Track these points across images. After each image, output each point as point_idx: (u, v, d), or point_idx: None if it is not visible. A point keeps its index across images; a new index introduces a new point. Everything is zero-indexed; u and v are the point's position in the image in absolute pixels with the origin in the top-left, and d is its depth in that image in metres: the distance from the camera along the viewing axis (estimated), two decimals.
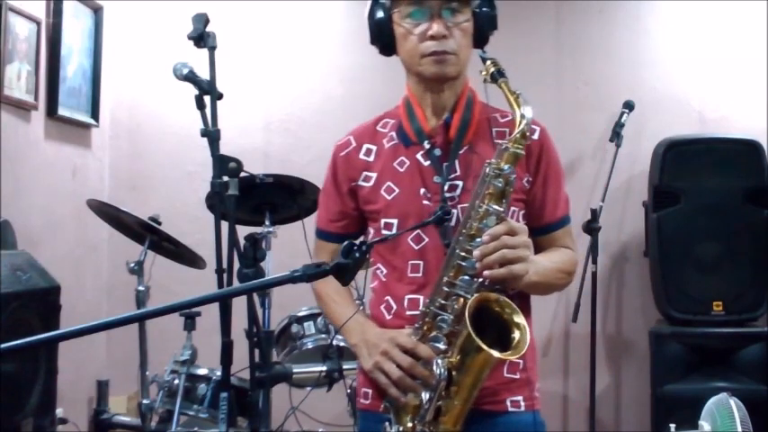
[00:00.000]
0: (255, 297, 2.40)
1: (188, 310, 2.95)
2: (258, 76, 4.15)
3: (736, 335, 3.58)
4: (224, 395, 2.34)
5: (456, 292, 1.66)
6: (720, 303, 3.59)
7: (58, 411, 3.06)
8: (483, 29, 1.82)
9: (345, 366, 2.88)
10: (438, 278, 1.70)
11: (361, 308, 1.95)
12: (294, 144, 4.11)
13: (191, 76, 2.29)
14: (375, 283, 1.90)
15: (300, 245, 2.01)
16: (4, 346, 1.22)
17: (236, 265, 2.23)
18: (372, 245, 1.68)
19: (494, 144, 1.80)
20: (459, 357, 1.63)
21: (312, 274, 1.43)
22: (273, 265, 2.88)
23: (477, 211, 1.66)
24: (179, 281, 3.42)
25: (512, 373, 1.79)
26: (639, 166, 3.95)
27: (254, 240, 2.25)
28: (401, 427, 1.71)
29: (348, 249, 1.46)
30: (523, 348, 1.60)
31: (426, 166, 1.82)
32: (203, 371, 2.93)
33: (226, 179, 2.25)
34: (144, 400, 2.99)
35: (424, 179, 1.81)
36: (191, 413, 2.91)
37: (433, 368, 1.65)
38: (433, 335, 1.68)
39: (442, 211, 1.72)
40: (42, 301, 2.86)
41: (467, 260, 1.65)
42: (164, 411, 2.94)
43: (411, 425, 1.69)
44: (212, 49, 2.29)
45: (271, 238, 2.98)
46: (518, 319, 1.63)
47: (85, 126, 3.95)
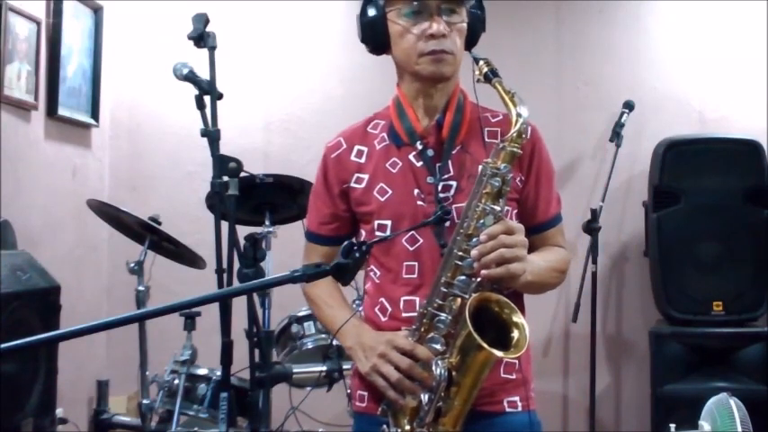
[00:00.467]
0: (255, 297, 2.40)
1: (188, 310, 2.95)
2: (258, 76, 4.15)
3: (736, 335, 3.58)
4: (224, 395, 2.34)
5: (454, 292, 1.66)
6: (720, 303, 3.59)
7: (58, 411, 3.06)
8: (475, 30, 1.83)
9: (345, 366, 2.88)
10: (435, 279, 1.69)
11: (360, 309, 1.95)
12: (294, 144, 4.11)
13: (191, 76, 2.30)
14: (368, 285, 1.89)
15: (300, 245, 2.00)
16: (4, 346, 1.22)
17: (236, 265, 2.24)
18: (372, 245, 1.67)
19: (485, 144, 1.80)
20: (459, 357, 1.63)
21: (312, 274, 1.43)
22: (273, 265, 2.88)
23: (475, 210, 1.66)
24: (179, 281, 3.42)
25: (508, 373, 1.79)
26: (639, 166, 3.95)
27: (254, 240, 2.25)
28: (399, 430, 1.70)
29: (348, 249, 1.46)
30: (523, 347, 1.60)
31: (419, 167, 1.81)
32: (203, 371, 2.93)
33: (226, 179, 2.25)
34: (144, 400, 2.99)
35: (418, 180, 1.80)
36: (191, 413, 2.91)
37: (431, 369, 1.64)
38: (430, 336, 1.68)
39: (441, 211, 1.72)
40: (42, 301, 2.86)
41: (464, 260, 1.65)
42: (164, 411, 2.94)
43: (409, 427, 1.69)
44: (212, 49, 2.30)
45: (271, 238, 2.98)
46: (517, 319, 1.63)
47: (85, 126, 3.95)
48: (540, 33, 4.11)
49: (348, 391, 2.91)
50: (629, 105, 3.83)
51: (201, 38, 2.29)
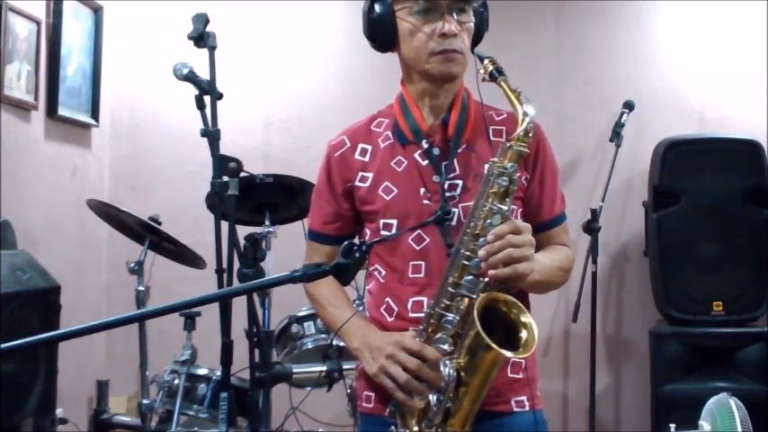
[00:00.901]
0: (255, 297, 2.40)
1: (188, 310, 2.95)
2: (258, 77, 4.15)
3: (736, 335, 3.58)
4: (224, 395, 2.34)
5: (461, 292, 1.65)
6: (720, 303, 3.59)
7: (58, 411, 3.06)
8: (480, 29, 1.83)
9: (345, 366, 2.88)
10: (442, 279, 1.68)
11: (360, 309, 1.94)
12: (294, 144, 4.11)
13: (191, 76, 2.30)
14: (372, 285, 1.88)
15: (300, 245, 2.00)
16: (4, 346, 1.22)
17: (236, 265, 2.23)
18: (372, 245, 1.67)
19: (490, 142, 1.80)
20: (468, 358, 1.61)
21: (312, 274, 1.43)
22: (273, 265, 2.88)
23: (482, 210, 1.65)
24: (179, 281, 3.41)
25: (515, 373, 1.79)
26: (639, 166, 3.95)
27: (254, 240, 2.24)
28: (407, 431, 1.69)
29: (348, 249, 1.46)
30: (532, 348, 1.59)
31: (425, 166, 1.80)
32: (203, 371, 2.93)
33: (226, 179, 2.25)
34: (144, 400, 2.99)
35: (424, 179, 1.79)
36: (191, 413, 2.91)
37: (439, 370, 1.63)
38: (438, 336, 1.67)
39: (442, 210, 1.71)
40: (42, 301, 2.86)
41: (471, 260, 1.64)
42: (164, 411, 2.94)
43: (417, 428, 1.68)
44: (212, 49, 2.30)
45: (271, 238, 2.98)
46: (525, 319, 1.62)
47: (85, 126, 3.95)
48: (541, 33, 4.12)
49: (348, 391, 2.91)
50: (629, 105, 3.83)
51: (201, 38, 2.29)
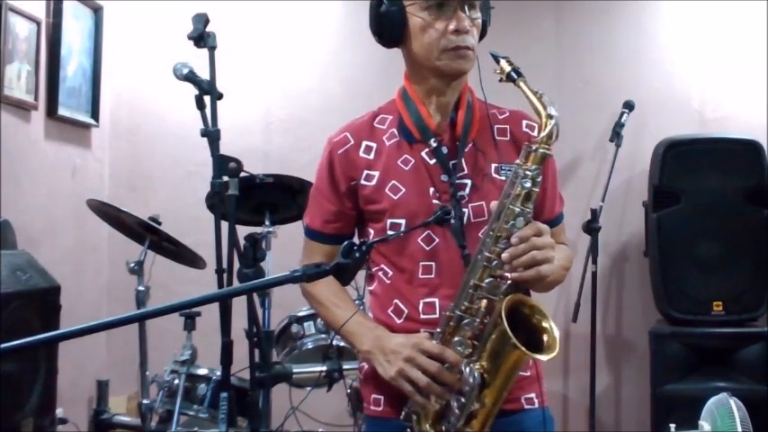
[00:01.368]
0: (255, 297, 2.40)
1: (188, 310, 2.95)
2: (258, 77, 4.15)
3: (736, 335, 3.58)
4: (224, 395, 2.34)
5: (482, 294, 1.64)
6: (720, 303, 3.59)
7: (58, 411, 3.06)
8: (486, 26, 1.81)
9: (345, 366, 2.88)
10: (463, 281, 1.66)
11: (361, 308, 1.93)
12: (294, 144, 4.11)
13: (191, 76, 2.30)
14: (376, 286, 1.85)
15: (300, 245, 2.00)
16: (4, 346, 1.22)
17: (236, 265, 2.23)
18: (373, 244, 1.66)
19: (496, 142, 1.79)
20: (491, 359, 1.60)
21: (312, 274, 1.43)
22: (273, 265, 2.88)
23: (505, 212, 1.63)
24: (179, 281, 3.42)
25: (524, 370, 1.77)
26: (639, 166, 3.95)
27: (254, 240, 2.24)
28: None
29: (348, 249, 1.45)
30: (554, 350, 1.58)
31: (432, 165, 1.78)
32: (203, 371, 2.93)
33: (226, 179, 2.25)
34: (144, 400, 2.98)
35: (432, 178, 1.78)
36: (191, 413, 2.91)
37: (459, 373, 1.62)
38: (456, 339, 1.65)
39: (442, 211, 1.68)
40: (42, 301, 2.86)
41: (492, 262, 1.63)
42: (164, 411, 2.94)
43: (433, 431, 1.67)
44: (212, 49, 2.30)
45: (271, 238, 2.98)
46: (546, 324, 1.61)
47: (85, 126, 3.95)
48: (541, 33, 4.12)
49: (348, 391, 2.91)
50: (629, 105, 3.83)
51: (201, 38, 2.29)
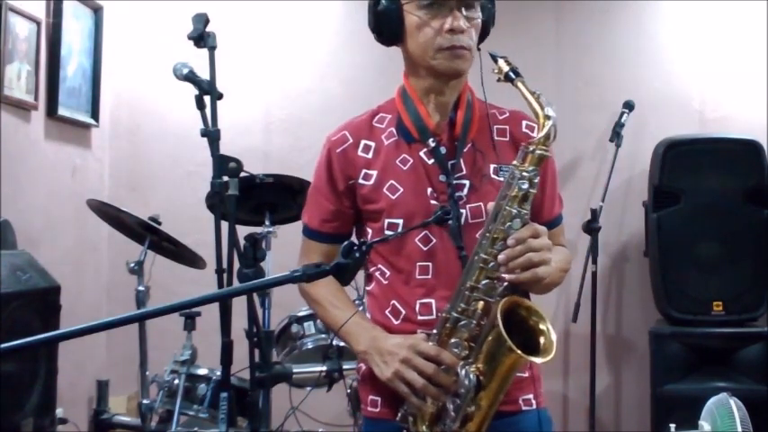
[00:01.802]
0: (255, 297, 2.40)
1: (188, 310, 2.95)
2: (258, 77, 4.15)
3: (736, 335, 3.58)
4: (224, 395, 2.34)
5: (478, 296, 1.63)
6: (720, 303, 3.58)
7: (58, 411, 3.06)
8: (487, 26, 1.80)
9: (345, 366, 2.88)
10: (459, 282, 1.66)
11: (360, 308, 1.92)
12: (294, 144, 4.11)
13: (191, 76, 2.30)
14: (374, 287, 1.85)
15: (300, 245, 2.00)
16: (4, 346, 1.22)
17: (236, 265, 2.23)
18: (372, 244, 1.66)
19: (494, 142, 1.78)
20: (487, 361, 1.60)
21: (312, 274, 1.42)
22: (273, 265, 2.88)
23: (502, 213, 1.62)
24: (179, 281, 3.42)
25: (521, 371, 1.76)
26: (639, 166, 3.95)
27: (254, 240, 2.24)
28: None
29: (348, 249, 1.45)
30: (551, 353, 1.57)
31: (431, 165, 1.78)
32: (203, 371, 2.93)
33: (226, 179, 2.25)
34: (144, 400, 2.98)
35: (430, 178, 1.77)
36: (191, 413, 2.91)
37: (455, 375, 1.62)
38: (452, 341, 1.65)
39: (442, 210, 1.68)
40: (42, 301, 2.86)
41: (489, 263, 1.62)
42: (164, 411, 2.94)
43: None
44: (212, 49, 2.30)
45: (271, 238, 2.98)
46: (543, 326, 1.61)
47: (85, 126, 3.95)
48: (540, 33, 4.12)
49: (348, 391, 2.91)
50: (629, 105, 3.83)
51: (201, 38, 2.29)
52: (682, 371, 3.57)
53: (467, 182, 1.77)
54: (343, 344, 2.81)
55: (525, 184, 1.62)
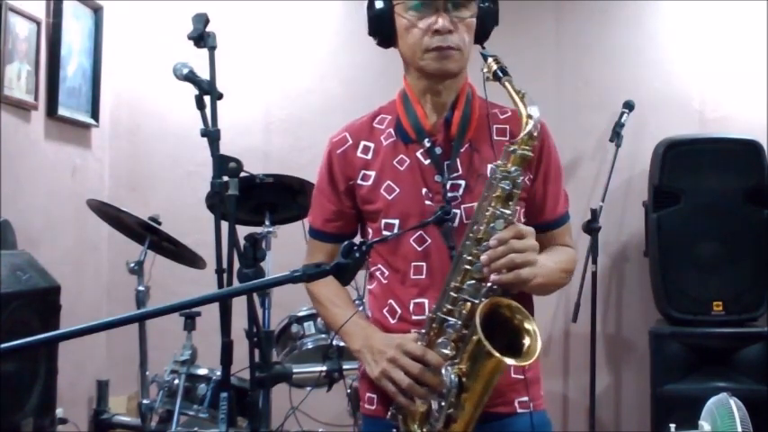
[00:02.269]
0: (255, 297, 2.40)
1: (188, 310, 2.95)
2: (258, 77, 4.15)
3: (736, 335, 3.58)
4: (224, 395, 2.34)
5: (463, 297, 1.63)
6: (720, 303, 3.58)
7: (58, 411, 3.06)
8: (485, 24, 1.79)
9: (345, 366, 2.88)
10: (445, 283, 1.66)
11: (360, 308, 1.93)
12: (294, 144, 4.11)
13: (191, 76, 2.30)
14: (374, 285, 1.86)
15: (300, 245, 2.00)
16: (4, 346, 1.22)
17: (236, 265, 2.23)
18: (372, 244, 1.66)
19: (494, 142, 1.78)
20: (469, 363, 1.59)
21: (312, 273, 1.43)
22: (273, 265, 2.88)
23: (484, 214, 1.62)
24: (179, 281, 3.42)
25: (518, 373, 1.76)
26: (639, 166, 3.95)
27: (254, 240, 2.24)
28: None
29: (348, 249, 1.45)
30: (534, 355, 1.56)
31: (427, 165, 1.78)
32: (203, 371, 2.93)
33: (226, 179, 2.25)
34: (144, 400, 2.99)
35: (426, 178, 1.77)
36: (191, 413, 2.91)
37: (441, 375, 1.62)
38: (440, 341, 1.65)
39: (442, 211, 1.68)
40: (42, 301, 2.86)
41: (474, 264, 1.62)
42: (164, 411, 2.94)
43: (419, 431, 1.67)
44: (212, 49, 2.30)
45: (271, 238, 2.98)
46: (528, 326, 1.60)
47: (85, 126, 3.95)
48: (540, 33, 4.12)
49: (348, 391, 2.91)
50: (629, 105, 3.83)
51: (201, 38, 2.29)
52: (682, 371, 3.57)
53: (462, 182, 1.76)
54: (342, 344, 2.83)
55: (508, 185, 1.61)
